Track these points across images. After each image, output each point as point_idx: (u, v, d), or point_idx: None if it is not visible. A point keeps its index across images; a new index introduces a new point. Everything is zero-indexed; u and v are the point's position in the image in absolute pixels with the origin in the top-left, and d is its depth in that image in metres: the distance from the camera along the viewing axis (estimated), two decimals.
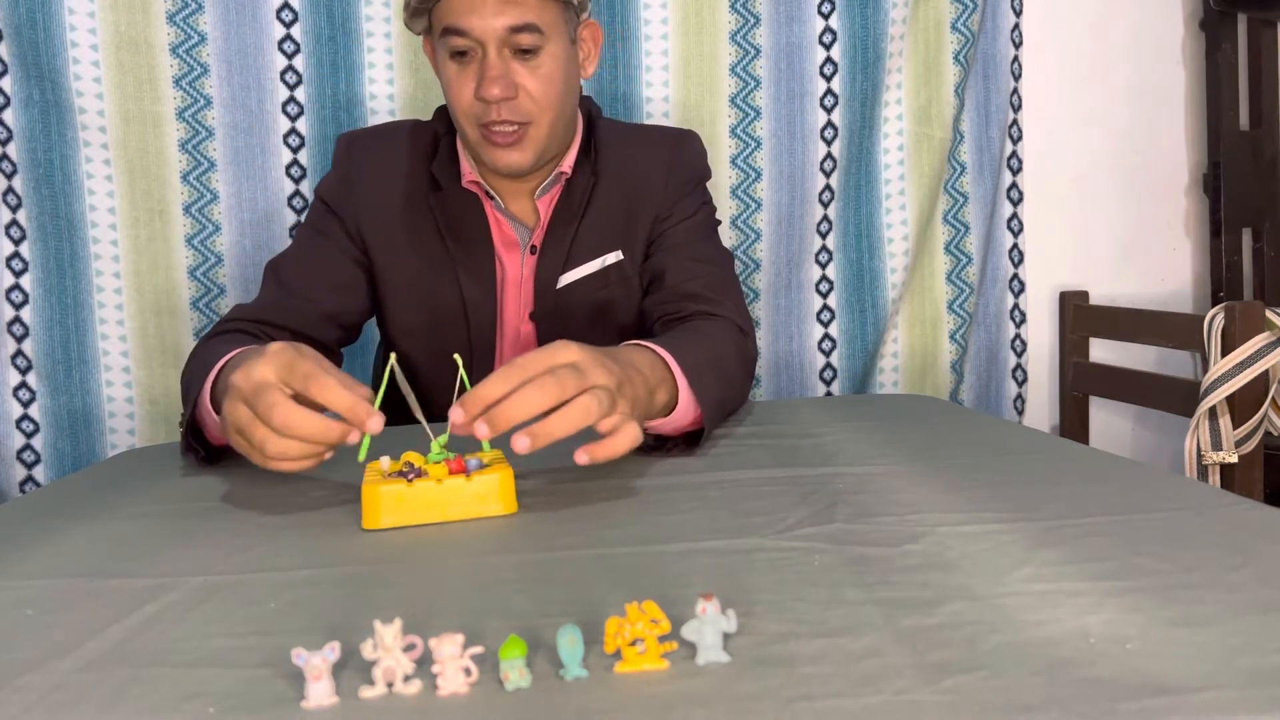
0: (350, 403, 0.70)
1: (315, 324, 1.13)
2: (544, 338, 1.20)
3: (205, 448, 0.93)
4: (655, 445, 0.90)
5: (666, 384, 0.87)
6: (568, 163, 1.18)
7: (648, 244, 1.21)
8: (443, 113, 1.21)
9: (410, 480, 0.71)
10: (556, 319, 1.19)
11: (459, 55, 1.07)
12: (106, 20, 1.49)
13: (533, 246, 1.18)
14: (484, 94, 1.05)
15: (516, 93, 1.07)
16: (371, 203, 1.17)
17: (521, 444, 0.67)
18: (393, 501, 0.70)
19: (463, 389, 0.71)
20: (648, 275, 1.20)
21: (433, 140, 1.20)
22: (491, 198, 1.16)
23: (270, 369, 0.72)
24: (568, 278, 1.18)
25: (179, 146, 1.54)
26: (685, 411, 0.89)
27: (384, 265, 1.19)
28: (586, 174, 1.18)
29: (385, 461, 0.74)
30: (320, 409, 0.72)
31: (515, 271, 1.19)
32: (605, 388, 0.72)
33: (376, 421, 0.69)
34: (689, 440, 0.91)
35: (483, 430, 0.67)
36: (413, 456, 0.75)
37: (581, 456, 0.70)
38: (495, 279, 1.18)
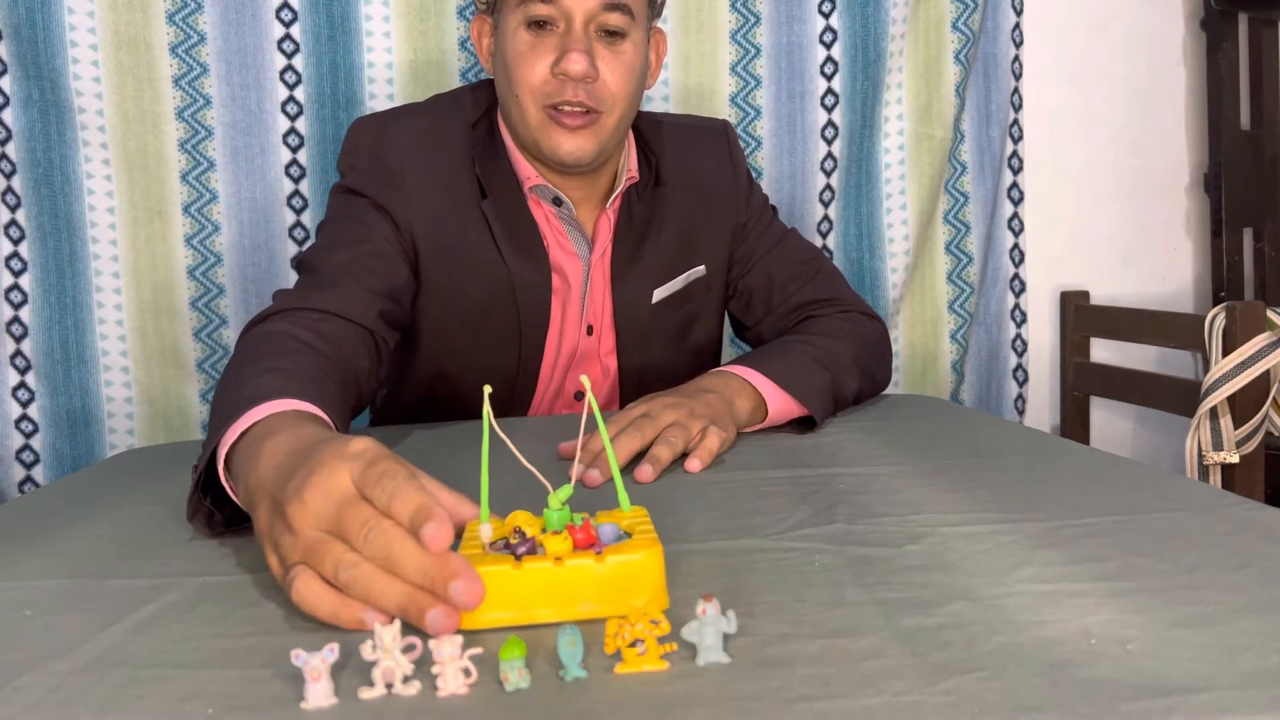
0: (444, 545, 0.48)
1: (374, 320, 0.96)
2: (626, 354, 1.14)
3: (222, 509, 0.69)
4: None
5: (744, 391, 0.97)
6: (633, 166, 1.11)
7: (730, 256, 1.18)
8: (476, 101, 1.10)
9: (519, 557, 0.51)
10: (642, 336, 1.13)
11: (537, 26, 0.98)
12: (106, 20, 1.49)
13: (591, 261, 1.11)
14: (566, 67, 0.96)
15: (597, 74, 0.99)
16: (423, 206, 1.04)
17: (645, 472, 0.81)
18: (497, 590, 0.50)
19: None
20: (745, 291, 1.18)
21: (469, 138, 1.07)
22: (560, 203, 1.07)
23: (349, 474, 0.53)
24: (659, 294, 1.13)
25: (178, 146, 1.53)
26: (779, 403, 0.98)
27: (435, 281, 1.06)
28: (648, 181, 1.13)
29: (486, 529, 0.53)
30: None
31: (577, 283, 1.11)
32: (676, 422, 0.86)
33: (468, 591, 0.48)
34: (804, 422, 1.00)
35: (595, 476, 0.79)
36: (523, 519, 0.56)
37: (693, 464, 0.84)
38: (550, 296, 1.09)
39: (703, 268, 1.16)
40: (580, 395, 1.18)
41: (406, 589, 0.49)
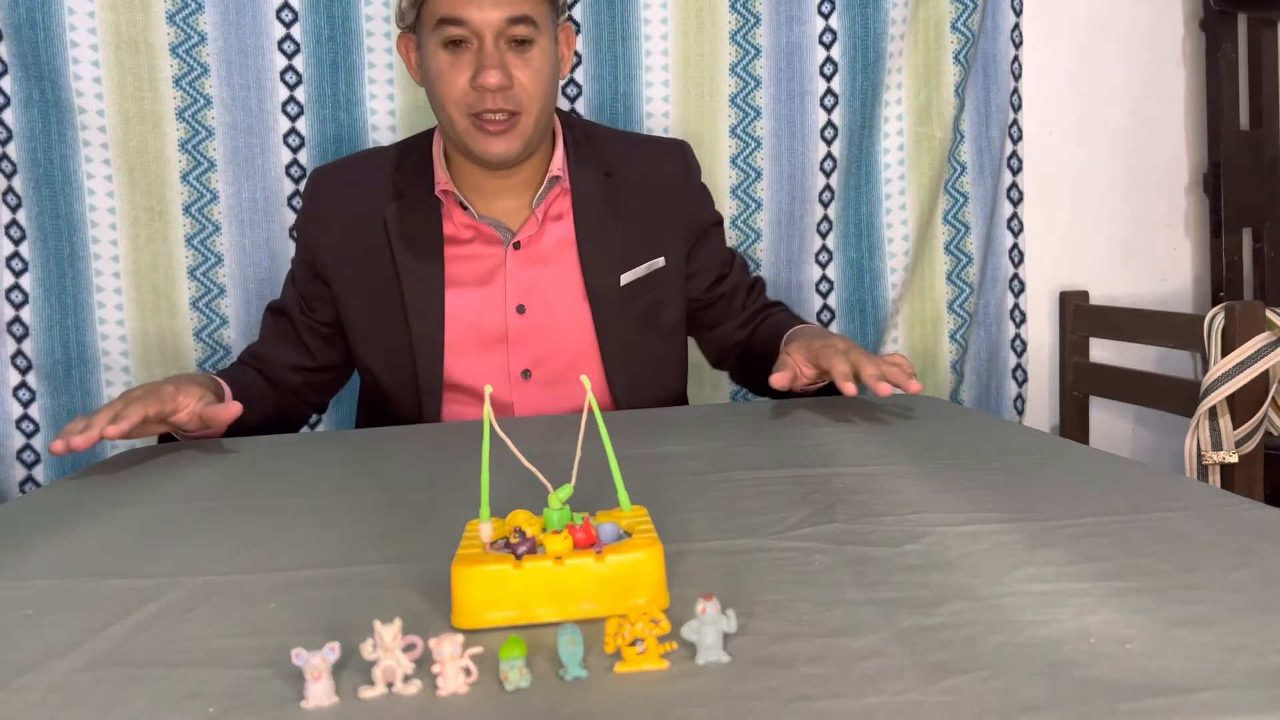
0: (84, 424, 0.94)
1: (286, 388, 1.26)
2: (604, 330, 1.22)
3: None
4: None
5: None
6: (557, 166, 1.22)
7: (688, 255, 1.29)
8: (421, 136, 1.27)
9: (519, 557, 0.52)
10: (617, 314, 1.23)
11: (453, 45, 1.11)
12: (106, 20, 1.49)
13: (516, 243, 1.21)
14: (483, 81, 1.09)
15: (512, 82, 1.11)
16: (331, 230, 1.23)
17: (916, 385, 1.00)
18: (498, 590, 0.51)
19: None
20: (706, 302, 1.32)
21: (399, 154, 1.25)
22: (465, 207, 1.20)
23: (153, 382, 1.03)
24: (625, 279, 1.23)
25: (179, 146, 1.54)
26: None
27: (341, 287, 1.23)
28: (591, 177, 1.23)
29: (486, 528, 0.55)
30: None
31: (497, 268, 1.21)
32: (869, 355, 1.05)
33: (58, 444, 0.92)
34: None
35: (885, 387, 0.98)
36: (523, 518, 0.57)
37: (915, 385, 1.00)
38: (442, 279, 1.20)
39: (662, 259, 1.26)
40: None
41: (98, 424, 0.93)
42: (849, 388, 1.01)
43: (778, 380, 1.05)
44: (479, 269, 1.21)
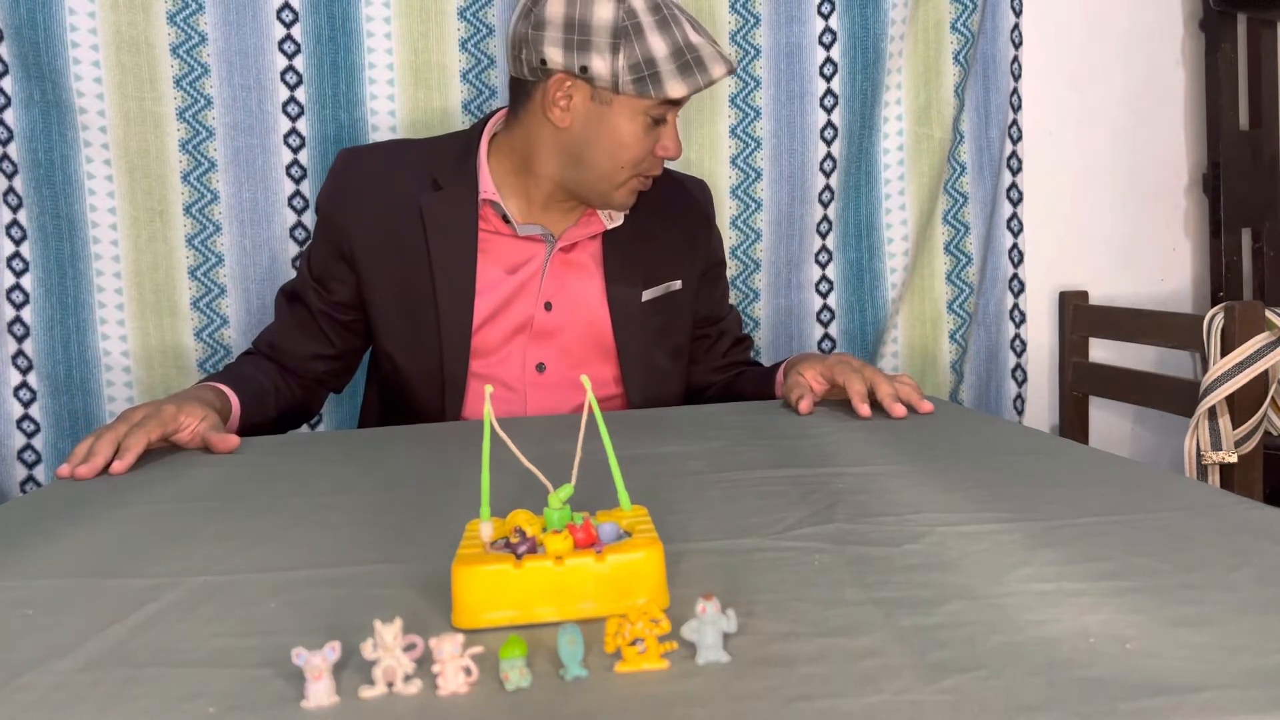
0: (86, 448, 0.96)
1: (308, 377, 1.29)
2: (623, 342, 1.27)
3: None
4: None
5: None
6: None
7: (699, 283, 1.35)
8: (457, 134, 1.29)
9: (520, 557, 0.52)
10: (636, 329, 1.28)
11: (654, 122, 1.16)
12: (107, 20, 1.49)
13: (561, 247, 1.25)
14: (674, 155, 1.19)
15: None
16: (363, 211, 1.23)
17: (927, 405, 1.08)
18: (498, 589, 0.51)
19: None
20: (700, 337, 1.38)
21: (434, 148, 1.26)
22: (507, 220, 1.22)
23: (153, 405, 1.03)
24: (646, 295, 1.29)
25: (179, 147, 1.54)
26: None
27: (369, 270, 1.23)
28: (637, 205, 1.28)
29: (487, 528, 0.55)
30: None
31: (536, 264, 1.24)
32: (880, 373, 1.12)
33: (63, 468, 0.94)
34: None
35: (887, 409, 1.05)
36: (523, 518, 0.57)
37: (927, 405, 1.08)
38: (474, 270, 1.22)
39: (679, 282, 1.32)
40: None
41: (103, 452, 0.94)
42: (864, 409, 1.05)
43: (805, 408, 1.10)
44: (516, 262, 1.24)
